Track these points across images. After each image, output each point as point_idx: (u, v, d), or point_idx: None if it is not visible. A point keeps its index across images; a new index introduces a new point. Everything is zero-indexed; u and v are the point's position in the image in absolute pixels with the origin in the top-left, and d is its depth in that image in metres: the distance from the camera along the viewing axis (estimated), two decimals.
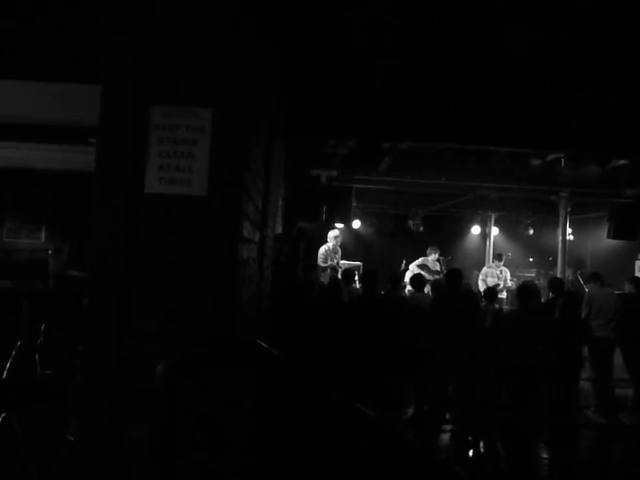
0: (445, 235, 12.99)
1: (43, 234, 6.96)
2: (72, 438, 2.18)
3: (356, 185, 8.42)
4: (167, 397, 1.87)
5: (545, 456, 5.64)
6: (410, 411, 5.84)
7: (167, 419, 1.83)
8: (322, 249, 8.37)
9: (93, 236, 2.10)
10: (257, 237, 3.38)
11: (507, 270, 10.36)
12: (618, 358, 6.70)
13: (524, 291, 5.87)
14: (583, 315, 6.65)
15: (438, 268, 9.41)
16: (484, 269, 10.63)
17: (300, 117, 5.66)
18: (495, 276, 10.11)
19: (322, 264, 8.24)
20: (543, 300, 8.01)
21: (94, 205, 2.10)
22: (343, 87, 5.54)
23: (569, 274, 9.84)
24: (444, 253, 10.81)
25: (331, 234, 8.43)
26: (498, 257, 10.52)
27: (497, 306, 7.11)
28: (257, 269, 3.77)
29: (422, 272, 8.02)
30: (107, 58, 2.19)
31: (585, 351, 6.75)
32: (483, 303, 7.19)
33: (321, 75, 5.54)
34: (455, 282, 5.79)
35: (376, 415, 1.71)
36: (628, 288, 6.87)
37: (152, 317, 2.17)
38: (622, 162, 7.50)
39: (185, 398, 1.97)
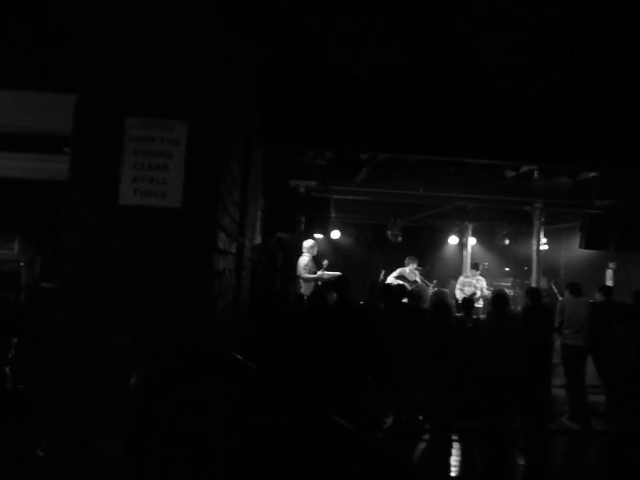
0: (423, 245, 13.12)
1: (17, 245, 6.84)
2: (42, 454, 2.15)
3: (335, 196, 8.47)
4: (140, 410, 1.86)
5: (521, 462, 5.72)
6: (389, 421, 5.86)
7: (140, 432, 1.82)
8: (303, 260, 8.35)
9: (65, 247, 2.09)
10: (234, 248, 3.38)
11: (483, 279, 10.51)
12: (591, 365, 6.84)
13: (498, 300, 5.97)
14: (556, 324, 6.79)
15: (416, 278, 9.49)
16: (461, 278, 10.77)
17: (278, 128, 5.70)
18: (472, 285, 10.25)
19: (305, 275, 8.22)
20: (520, 308, 8.16)
21: (66, 215, 2.09)
22: (321, 98, 5.60)
23: (543, 283, 10.01)
24: (422, 263, 10.92)
25: (306, 244, 8.43)
26: (475, 267, 10.68)
27: (474, 315, 7.22)
28: (234, 280, 3.77)
29: (401, 282, 8.10)
30: (82, 67, 2.19)
31: (558, 359, 6.91)
32: (460, 313, 7.30)
33: (299, 86, 5.59)
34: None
35: (356, 428, 1.72)
36: (598, 297, 7.04)
37: (126, 329, 2.15)
38: (592, 174, 7.71)
39: (159, 410, 1.96)
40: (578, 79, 5.43)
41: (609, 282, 10.04)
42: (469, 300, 7.43)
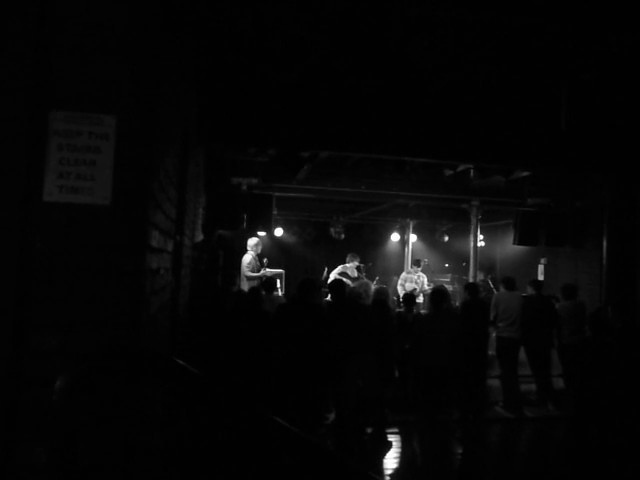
0: (366, 242, 13.32)
1: None
2: None
3: (277, 193, 8.46)
4: (66, 414, 1.80)
5: (459, 451, 5.92)
6: (332, 416, 5.92)
7: (67, 437, 1.76)
8: (247, 258, 8.28)
9: None
10: (170, 246, 3.32)
11: (424, 275, 10.78)
12: (523, 356, 7.16)
13: (436, 295, 6.15)
14: (492, 317, 7.06)
15: (357, 275, 9.61)
16: (403, 274, 11.00)
17: (218, 125, 5.62)
18: (413, 281, 10.50)
19: (249, 274, 8.15)
20: (458, 303, 8.43)
21: None
22: (262, 96, 5.57)
23: (480, 278, 10.38)
24: (365, 260, 11.08)
25: (250, 242, 8.38)
26: (416, 263, 10.94)
27: (415, 310, 7.39)
28: (172, 279, 3.70)
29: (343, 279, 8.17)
30: (1, 57, 2.09)
31: (493, 350, 7.19)
32: (402, 308, 7.46)
33: (240, 83, 5.54)
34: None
35: (294, 427, 1.73)
36: (529, 290, 7.36)
37: (52, 331, 2.07)
38: (524, 174, 8.07)
39: (86, 414, 1.90)
40: (510, 82, 5.66)
41: (540, 276, 10.53)
42: (410, 295, 7.61)
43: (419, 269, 10.72)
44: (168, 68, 2.68)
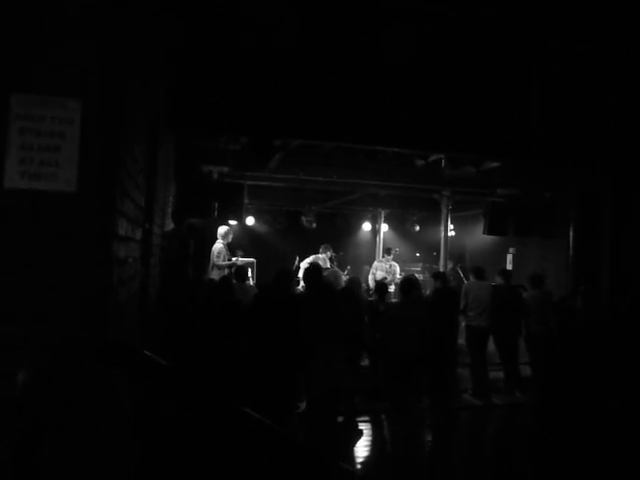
0: (337, 231, 13.33)
1: None
2: None
3: (248, 182, 8.36)
4: (30, 408, 1.74)
5: (429, 438, 6.02)
6: (303, 405, 5.92)
7: (30, 434, 1.70)
8: (217, 247, 8.20)
9: None
10: (139, 235, 3.24)
11: (396, 264, 10.85)
12: (491, 345, 7.29)
13: (406, 285, 6.19)
14: (461, 306, 7.16)
15: (328, 265, 9.62)
16: (375, 263, 11.05)
17: (188, 112, 5.50)
18: (384, 270, 10.55)
19: (220, 263, 8.07)
20: (429, 292, 8.51)
21: None
22: (233, 83, 5.48)
23: (450, 267, 10.51)
24: (336, 249, 11.08)
25: (220, 231, 8.28)
26: (387, 252, 10.99)
27: (387, 299, 7.43)
28: (141, 268, 3.62)
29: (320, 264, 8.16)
30: None
31: (462, 339, 7.30)
32: (373, 297, 7.49)
33: (211, 69, 5.43)
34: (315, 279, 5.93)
35: (266, 419, 1.71)
36: (498, 280, 7.48)
37: (14, 323, 2.00)
38: (494, 164, 8.17)
39: (51, 408, 1.84)
40: (481, 74, 5.70)
41: (509, 266, 10.73)
42: (382, 284, 7.65)
43: (390, 258, 10.78)
44: (137, 50, 2.60)
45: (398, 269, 10.76)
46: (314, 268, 6.01)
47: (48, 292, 2.01)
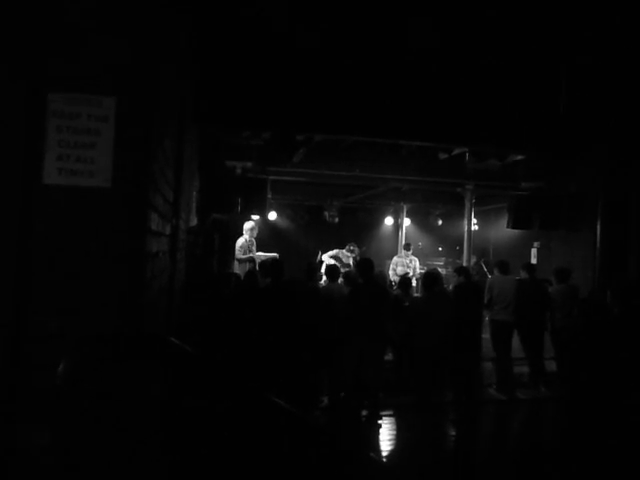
0: (360, 226, 13.30)
1: None
2: None
3: (271, 177, 8.40)
4: (68, 397, 1.79)
5: (453, 432, 6.00)
6: (326, 400, 5.96)
7: (68, 420, 1.76)
8: (240, 241, 8.30)
9: None
10: (168, 230, 3.30)
11: (416, 259, 10.79)
12: (516, 339, 7.23)
13: (426, 279, 6.16)
14: (485, 300, 7.10)
15: (350, 262, 9.62)
16: (394, 259, 11.00)
17: (213, 107, 5.56)
18: (405, 265, 10.51)
19: (241, 256, 8.18)
20: (451, 286, 8.46)
21: None
22: (257, 79, 5.51)
23: (474, 262, 10.42)
24: (359, 244, 11.07)
25: (246, 226, 8.38)
26: (407, 247, 10.93)
27: (410, 294, 7.42)
28: (169, 262, 3.68)
29: (335, 263, 8.20)
30: None
31: (487, 333, 7.24)
32: (397, 291, 7.48)
33: (236, 65, 5.48)
34: (367, 272, 5.97)
35: (291, 407, 1.73)
36: (523, 274, 7.39)
37: (52, 315, 2.06)
38: (519, 157, 8.06)
39: (88, 397, 1.90)
40: (507, 66, 5.63)
41: (533, 260, 10.58)
42: (406, 279, 7.63)
43: (410, 253, 10.73)
44: (167, 48, 2.64)
45: (418, 264, 10.71)
46: (368, 262, 6.02)
47: (85, 286, 2.06)
